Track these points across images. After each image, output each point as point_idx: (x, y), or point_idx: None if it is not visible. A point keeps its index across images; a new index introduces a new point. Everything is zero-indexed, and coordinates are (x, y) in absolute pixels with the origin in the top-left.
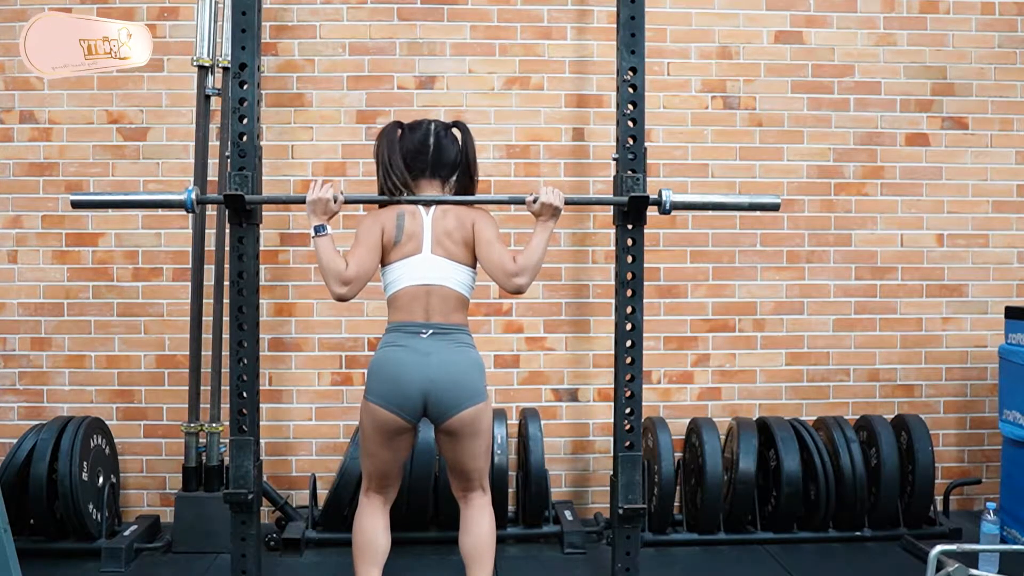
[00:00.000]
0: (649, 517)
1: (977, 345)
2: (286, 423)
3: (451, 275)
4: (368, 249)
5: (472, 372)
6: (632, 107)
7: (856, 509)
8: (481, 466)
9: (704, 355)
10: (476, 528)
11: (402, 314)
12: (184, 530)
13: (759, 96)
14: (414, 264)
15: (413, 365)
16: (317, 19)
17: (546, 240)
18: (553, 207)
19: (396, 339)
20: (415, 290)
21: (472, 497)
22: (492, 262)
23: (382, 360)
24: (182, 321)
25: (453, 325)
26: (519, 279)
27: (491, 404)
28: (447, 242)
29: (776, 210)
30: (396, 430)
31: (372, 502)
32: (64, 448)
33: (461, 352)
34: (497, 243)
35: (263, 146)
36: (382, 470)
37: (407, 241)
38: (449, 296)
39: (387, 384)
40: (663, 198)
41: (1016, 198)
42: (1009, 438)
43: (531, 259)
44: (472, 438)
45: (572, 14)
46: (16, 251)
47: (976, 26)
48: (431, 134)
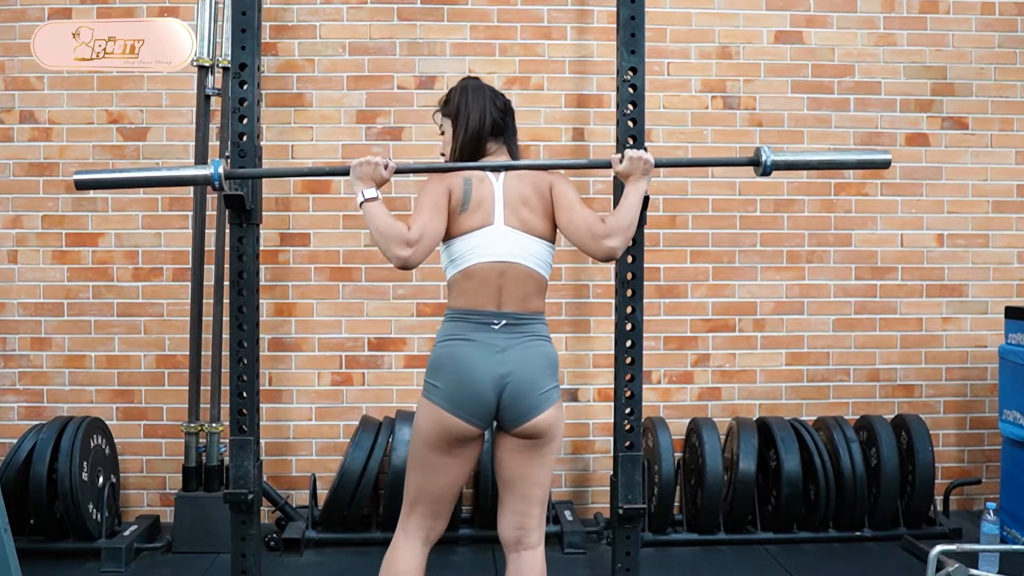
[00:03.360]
0: (649, 517)
1: (977, 345)
2: (286, 423)
3: (529, 251)
4: (434, 211)
5: (549, 370)
6: (632, 107)
7: (856, 509)
8: (547, 483)
9: (704, 355)
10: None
11: (468, 299)
12: (184, 530)
13: (759, 96)
14: (484, 238)
15: (484, 363)
16: (317, 19)
17: (639, 201)
18: (644, 161)
19: (463, 331)
20: (486, 270)
21: (528, 544)
22: (577, 225)
23: (449, 356)
24: (182, 321)
25: (529, 314)
26: (610, 241)
27: (563, 404)
28: (524, 211)
29: (887, 167)
30: (465, 438)
31: (411, 539)
32: (64, 448)
33: (537, 347)
34: (580, 204)
35: (263, 146)
36: (437, 491)
37: (475, 210)
38: (526, 277)
39: (457, 386)
40: (762, 157)
41: (1016, 198)
42: (1009, 438)
43: (623, 220)
44: (549, 443)
45: (572, 14)
46: (16, 251)
47: (976, 26)
48: (499, 96)
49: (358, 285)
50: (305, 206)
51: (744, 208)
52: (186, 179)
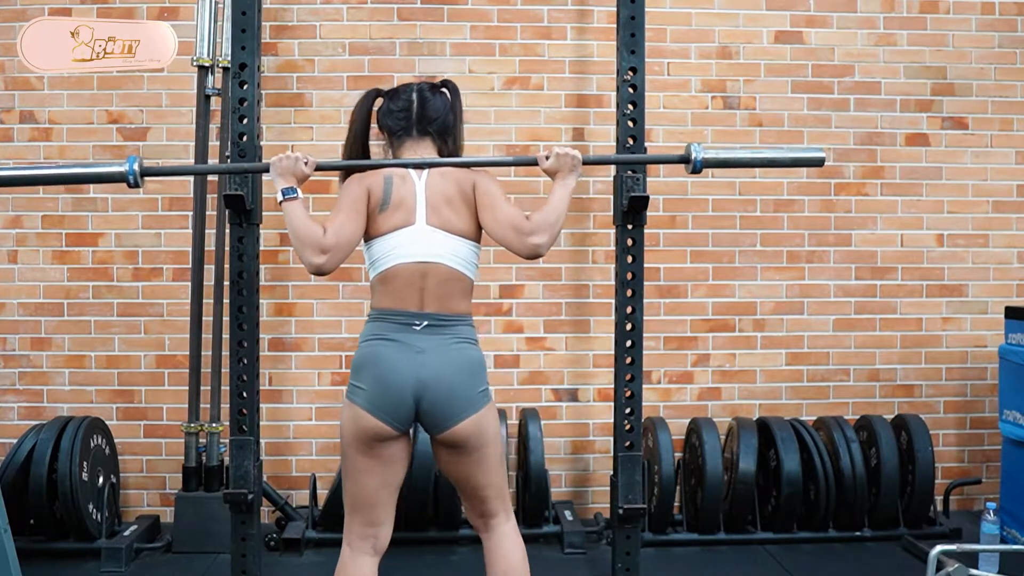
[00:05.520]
0: (649, 517)
1: (977, 345)
2: (286, 423)
3: (451, 251)
4: (351, 213)
5: (472, 375)
6: (632, 107)
7: (856, 509)
8: (496, 481)
9: (704, 355)
10: (504, 563)
11: (391, 300)
12: (184, 530)
13: (759, 96)
14: (405, 237)
15: (404, 364)
16: (317, 19)
17: (566, 198)
18: (571, 158)
19: (384, 331)
20: (408, 270)
21: (494, 524)
22: (500, 222)
23: (367, 357)
24: (182, 321)
25: (453, 315)
26: (535, 238)
27: (495, 407)
28: (446, 210)
29: (820, 165)
30: (382, 437)
31: (357, 552)
32: (64, 448)
33: (460, 350)
34: (503, 202)
35: (263, 146)
36: (368, 496)
37: (396, 209)
38: (449, 277)
39: (376, 386)
40: (692, 154)
41: (1016, 198)
42: (1009, 438)
43: (549, 216)
44: (478, 449)
45: (572, 14)
46: (16, 251)
47: (976, 26)
48: (413, 90)
49: (358, 285)
50: (305, 206)
51: (744, 208)
52: (100, 176)
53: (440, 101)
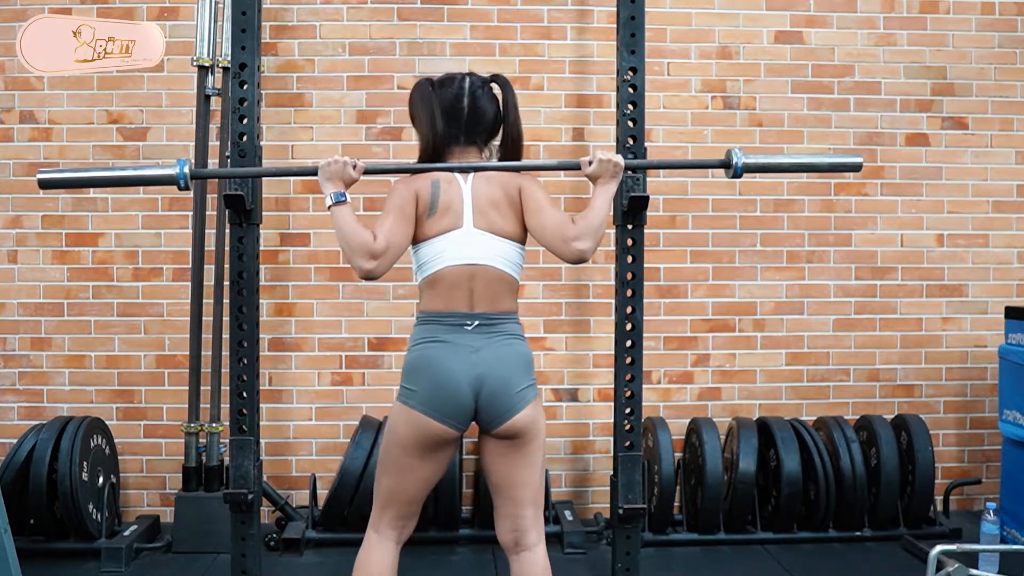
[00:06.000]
0: (649, 517)
1: (977, 345)
2: (286, 423)
3: (498, 253)
4: (400, 217)
5: (524, 369)
6: (632, 107)
7: (856, 509)
8: (535, 480)
9: (704, 355)
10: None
11: (440, 302)
12: (184, 530)
13: (759, 96)
14: (453, 241)
15: (458, 364)
16: (317, 19)
17: (607, 203)
18: (614, 163)
19: (435, 333)
20: (456, 273)
21: (526, 544)
22: (547, 228)
23: (421, 359)
24: (182, 321)
25: (501, 314)
26: (580, 243)
27: (542, 404)
28: (492, 214)
29: (859, 170)
30: (442, 442)
31: (384, 539)
32: (64, 448)
33: (510, 345)
34: (549, 207)
35: (263, 146)
36: (410, 494)
37: (444, 213)
38: (497, 279)
39: (433, 388)
40: (733, 160)
41: (1016, 198)
42: (1009, 438)
43: (593, 221)
44: (531, 442)
45: (572, 14)
46: (16, 251)
47: (976, 26)
48: (465, 92)
49: (358, 285)
50: (305, 206)
51: (744, 208)
52: (151, 179)
53: (489, 102)
